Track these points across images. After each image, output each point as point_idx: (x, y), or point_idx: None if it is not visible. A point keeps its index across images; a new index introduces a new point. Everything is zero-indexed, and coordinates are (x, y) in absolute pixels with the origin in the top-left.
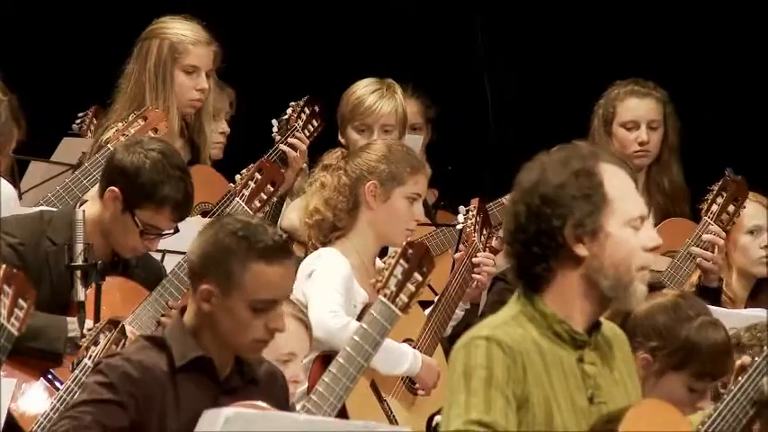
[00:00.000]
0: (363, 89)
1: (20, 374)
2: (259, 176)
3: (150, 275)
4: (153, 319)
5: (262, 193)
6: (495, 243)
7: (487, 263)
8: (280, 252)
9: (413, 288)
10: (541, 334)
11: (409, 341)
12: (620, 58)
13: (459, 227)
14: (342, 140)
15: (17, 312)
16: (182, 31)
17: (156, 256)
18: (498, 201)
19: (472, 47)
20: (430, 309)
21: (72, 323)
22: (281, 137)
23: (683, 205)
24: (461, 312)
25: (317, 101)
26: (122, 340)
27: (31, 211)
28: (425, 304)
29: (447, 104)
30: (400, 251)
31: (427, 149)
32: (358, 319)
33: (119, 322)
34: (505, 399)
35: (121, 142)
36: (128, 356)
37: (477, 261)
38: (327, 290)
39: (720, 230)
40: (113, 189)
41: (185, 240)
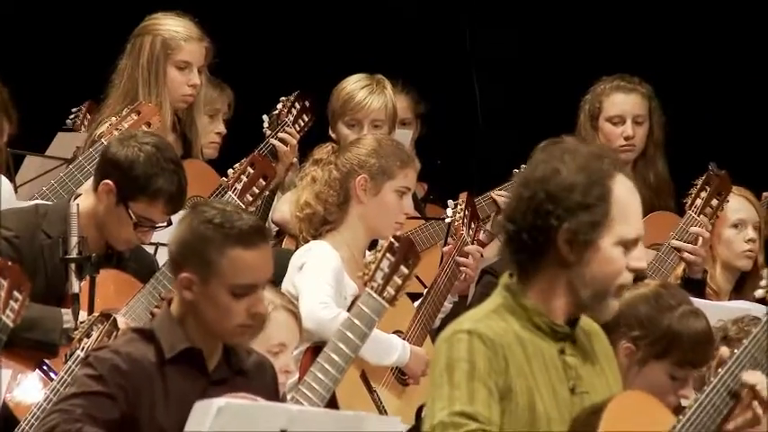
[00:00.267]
0: (353, 85)
1: (15, 365)
2: (251, 171)
3: (143, 268)
4: (147, 311)
5: (254, 187)
6: (482, 236)
7: (475, 256)
8: (255, 236)
9: (399, 281)
10: (523, 326)
11: (399, 333)
12: (606, 53)
13: (448, 220)
14: (332, 135)
15: (12, 304)
16: (174, 27)
17: (149, 249)
18: (486, 195)
19: (461, 43)
20: (419, 301)
21: (67, 314)
22: (271, 132)
23: (668, 199)
24: (450, 305)
25: (307, 96)
26: (114, 332)
27: (26, 204)
28: (415, 297)
29: (436, 100)
30: (386, 245)
31: (416, 144)
32: (347, 311)
33: (111, 315)
34: (488, 390)
35: (116, 136)
36: (116, 349)
37: (465, 254)
38: (318, 282)
39: (707, 222)
40: (107, 182)
41: None
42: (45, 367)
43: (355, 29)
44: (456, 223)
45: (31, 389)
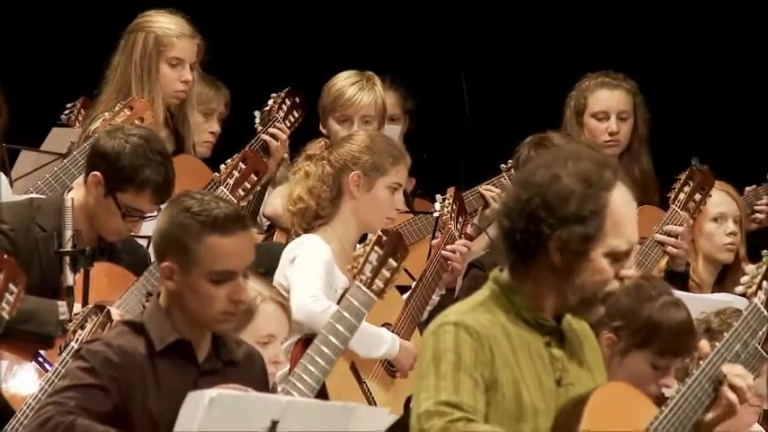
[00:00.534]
0: (344, 81)
1: (11, 356)
2: (243, 166)
3: (136, 261)
4: (140, 304)
5: (246, 182)
6: (469, 230)
7: (462, 250)
8: (233, 223)
9: (388, 274)
10: (509, 319)
11: (387, 325)
12: (591, 50)
13: (436, 214)
14: (323, 131)
15: (7, 297)
16: (166, 24)
17: (143, 242)
18: (474, 189)
19: (448, 39)
20: (408, 294)
21: (62, 307)
22: (263, 127)
23: (652, 194)
24: (437, 297)
25: (297, 92)
26: (108, 324)
27: (20, 198)
28: (403, 289)
29: (424, 96)
30: (375, 239)
31: (404, 139)
32: (337, 304)
33: (104, 307)
34: (474, 381)
35: (104, 129)
36: (108, 342)
37: (452, 248)
38: (309, 275)
39: (688, 218)
40: (96, 173)
41: None
42: (40, 359)
43: (345, 27)
44: (444, 217)
45: (26, 380)
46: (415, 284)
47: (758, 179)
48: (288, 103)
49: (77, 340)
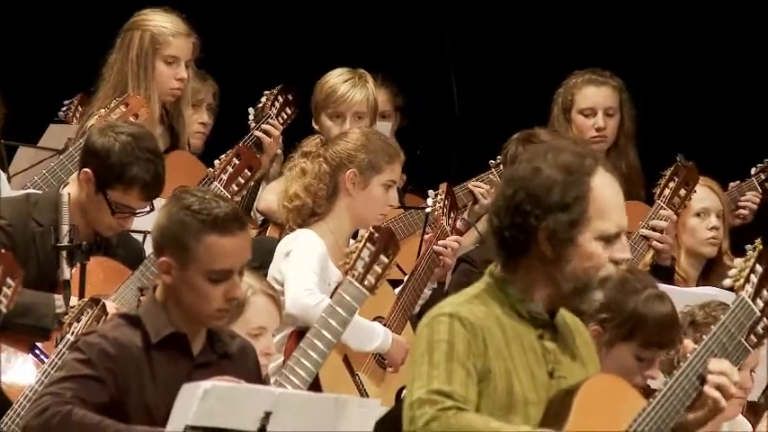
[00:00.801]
0: (336, 78)
1: (9, 349)
2: (237, 162)
3: (131, 255)
4: (135, 298)
5: (239, 178)
6: (459, 225)
7: (454, 246)
8: (232, 223)
9: (379, 270)
10: (504, 312)
11: (380, 319)
12: (579, 48)
13: (428, 210)
14: (315, 127)
15: (5, 291)
16: (162, 23)
17: (138, 237)
18: (463, 185)
19: (439, 37)
20: (399, 288)
21: (59, 300)
22: (256, 124)
23: (638, 189)
24: (429, 291)
25: (290, 89)
26: (103, 317)
27: (18, 193)
28: (395, 283)
29: (414, 93)
30: (367, 235)
31: (396, 136)
32: (331, 298)
33: (100, 300)
34: (466, 371)
35: (97, 126)
36: (104, 334)
37: (444, 243)
38: (304, 269)
39: (672, 214)
40: (87, 170)
41: None
42: (37, 351)
43: (337, 25)
44: (436, 213)
45: (23, 372)
46: (406, 279)
47: (742, 175)
48: (281, 99)
49: (73, 333)
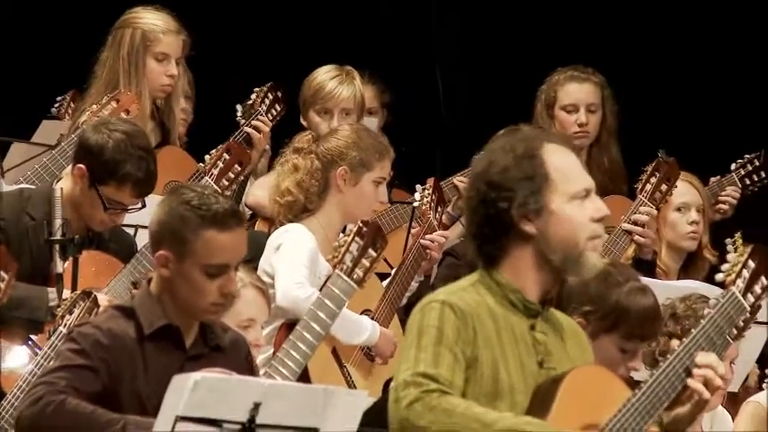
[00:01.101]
0: (324, 75)
1: (3, 340)
2: (227, 157)
3: (123, 249)
4: (127, 291)
5: (230, 173)
6: (444, 218)
7: (441, 240)
8: (231, 219)
9: (367, 263)
10: (497, 302)
11: (368, 311)
12: (562, 46)
13: (416, 204)
14: (304, 123)
15: None
16: (153, 20)
17: (130, 231)
18: (449, 180)
19: (424, 36)
20: (387, 281)
21: (52, 293)
22: (245, 120)
23: (620, 183)
24: (416, 284)
25: (279, 87)
26: (95, 309)
27: (11, 188)
28: (382, 277)
29: (400, 90)
30: (355, 229)
31: (382, 132)
32: (320, 291)
33: (92, 293)
34: (453, 356)
35: (91, 122)
36: (98, 325)
37: (431, 238)
38: (294, 263)
39: (653, 209)
40: (80, 166)
41: None
42: (30, 343)
43: (325, 24)
44: (423, 207)
45: (17, 363)
46: (394, 272)
47: (722, 170)
48: (270, 96)
49: (66, 325)
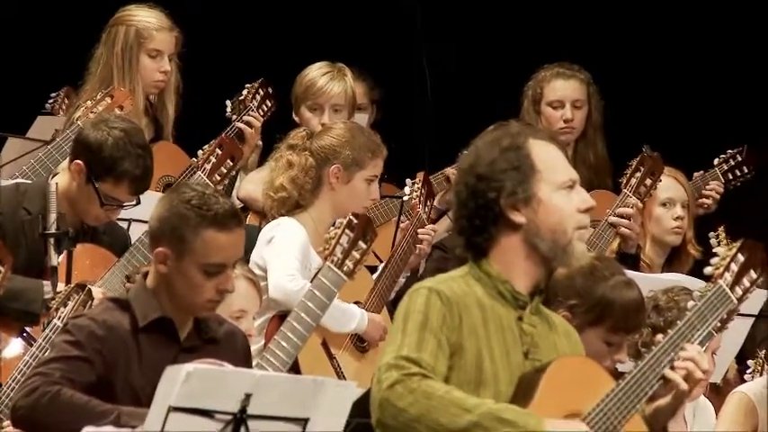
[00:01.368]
0: (315, 71)
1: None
2: (219, 152)
3: (117, 242)
4: (121, 284)
5: (222, 168)
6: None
7: (429, 234)
8: (230, 219)
9: (357, 255)
10: (486, 293)
11: (358, 303)
12: (548, 43)
13: (406, 198)
14: (296, 119)
15: None
16: (146, 18)
17: (124, 224)
18: (437, 174)
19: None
20: (376, 274)
21: (47, 286)
22: (235, 116)
23: (606, 178)
24: (403, 279)
25: (270, 83)
26: (89, 302)
27: (8, 183)
28: (370, 270)
29: (390, 86)
30: (345, 222)
31: (372, 128)
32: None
33: (86, 286)
34: (437, 342)
35: (90, 119)
36: (93, 316)
37: (421, 232)
38: (286, 255)
39: (638, 202)
40: (78, 162)
41: (151, 211)
42: (25, 335)
43: (316, 21)
44: (413, 201)
45: (12, 354)
46: (383, 265)
47: (705, 165)
48: (261, 92)
49: (60, 318)
